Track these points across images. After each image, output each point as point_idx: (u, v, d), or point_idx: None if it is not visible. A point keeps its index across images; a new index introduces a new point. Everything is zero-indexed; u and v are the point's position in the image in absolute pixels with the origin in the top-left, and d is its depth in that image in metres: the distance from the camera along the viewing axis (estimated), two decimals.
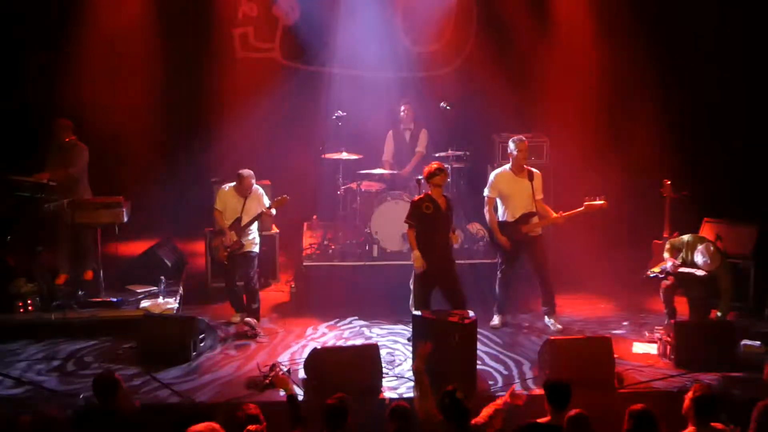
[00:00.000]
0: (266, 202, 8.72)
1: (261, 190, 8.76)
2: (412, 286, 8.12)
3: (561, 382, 5.70)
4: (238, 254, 8.64)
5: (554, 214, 8.40)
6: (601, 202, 8.30)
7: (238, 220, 8.58)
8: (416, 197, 8.21)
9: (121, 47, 10.38)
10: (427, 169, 7.95)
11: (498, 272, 8.64)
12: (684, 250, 8.27)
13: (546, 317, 8.61)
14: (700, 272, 8.12)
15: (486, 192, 8.55)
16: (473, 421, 5.58)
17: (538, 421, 5.63)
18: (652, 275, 8.38)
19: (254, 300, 8.73)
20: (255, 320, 8.54)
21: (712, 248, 8.10)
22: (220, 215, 8.71)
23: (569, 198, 9.16)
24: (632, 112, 10.28)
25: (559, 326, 8.50)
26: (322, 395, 5.79)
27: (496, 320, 8.63)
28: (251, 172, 8.61)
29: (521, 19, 10.80)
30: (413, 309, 7.83)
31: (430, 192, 7.94)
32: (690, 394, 5.47)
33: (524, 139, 8.54)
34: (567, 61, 10.40)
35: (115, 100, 10.32)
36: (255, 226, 8.72)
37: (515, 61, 10.76)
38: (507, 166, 8.54)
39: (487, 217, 8.54)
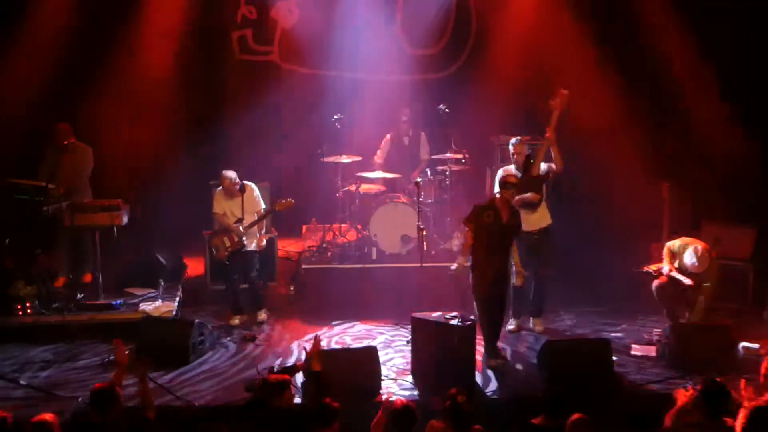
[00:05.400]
0: (260, 200, 8.79)
1: (257, 191, 8.78)
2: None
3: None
4: (237, 253, 8.66)
5: None
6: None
7: (240, 220, 8.61)
8: (482, 202, 7.93)
9: (120, 50, 10.38)
10: (504, 175, 7.84)
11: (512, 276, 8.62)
12: (678, 254, 8.26)
13: (532, 318, 8.62)
14: (687, 281, 8.11)
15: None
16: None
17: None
18: (645, 271, 8.41)
19: (258, 298, 8.84)
20: (264, 314, 8.77)
21: (701, 250, 8.06)
22: (222, 217, 8.73)
23: (569, 199, 9.17)
24: (632, 113, 10.27)
25: (541, 328, 8.53)
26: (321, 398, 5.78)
27: (512, 324, 8.61)
28: (231, 173, 8.63)
29: (520, 21, 10.81)
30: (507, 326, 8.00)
31: (497, 199, 7.73)
32: (699, 387, 5.46)
33: (521, 139, 8.54)
34: (566, 62, 10.39)
35: (114, 104, 10.32)
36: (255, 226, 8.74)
37: (514, 62, 10.75)
38: (511, 167, 8.52)
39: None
